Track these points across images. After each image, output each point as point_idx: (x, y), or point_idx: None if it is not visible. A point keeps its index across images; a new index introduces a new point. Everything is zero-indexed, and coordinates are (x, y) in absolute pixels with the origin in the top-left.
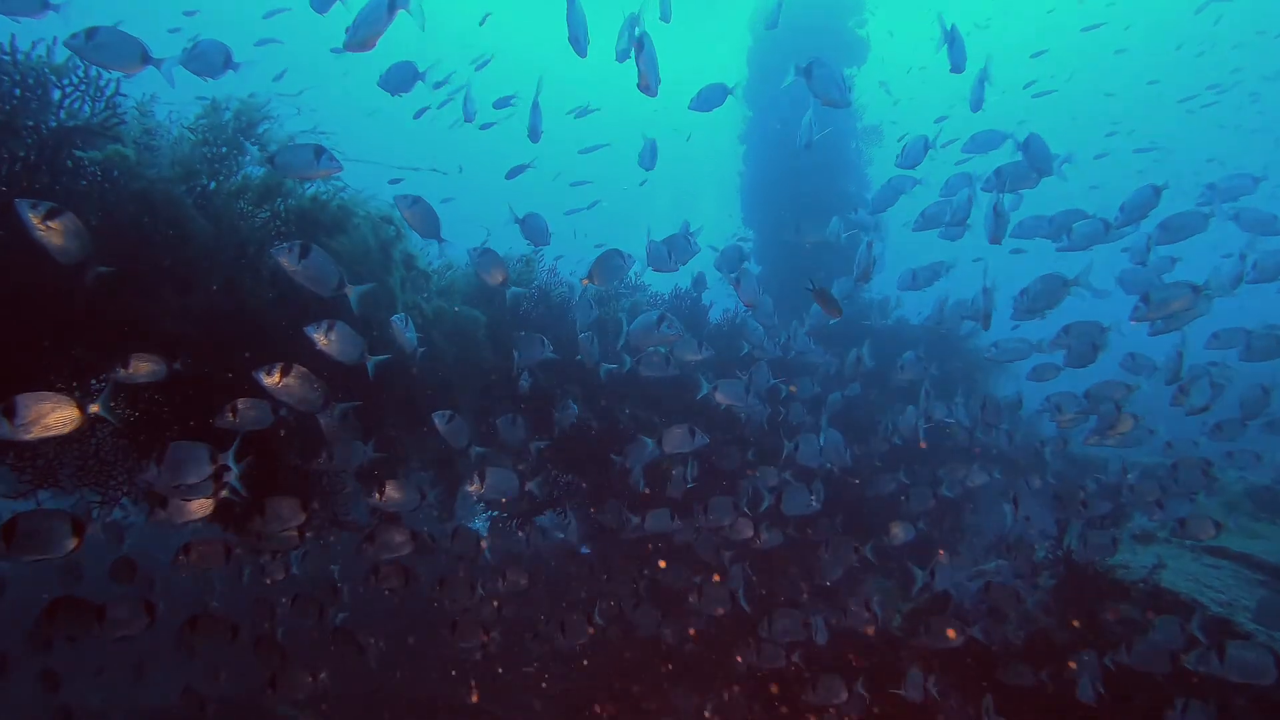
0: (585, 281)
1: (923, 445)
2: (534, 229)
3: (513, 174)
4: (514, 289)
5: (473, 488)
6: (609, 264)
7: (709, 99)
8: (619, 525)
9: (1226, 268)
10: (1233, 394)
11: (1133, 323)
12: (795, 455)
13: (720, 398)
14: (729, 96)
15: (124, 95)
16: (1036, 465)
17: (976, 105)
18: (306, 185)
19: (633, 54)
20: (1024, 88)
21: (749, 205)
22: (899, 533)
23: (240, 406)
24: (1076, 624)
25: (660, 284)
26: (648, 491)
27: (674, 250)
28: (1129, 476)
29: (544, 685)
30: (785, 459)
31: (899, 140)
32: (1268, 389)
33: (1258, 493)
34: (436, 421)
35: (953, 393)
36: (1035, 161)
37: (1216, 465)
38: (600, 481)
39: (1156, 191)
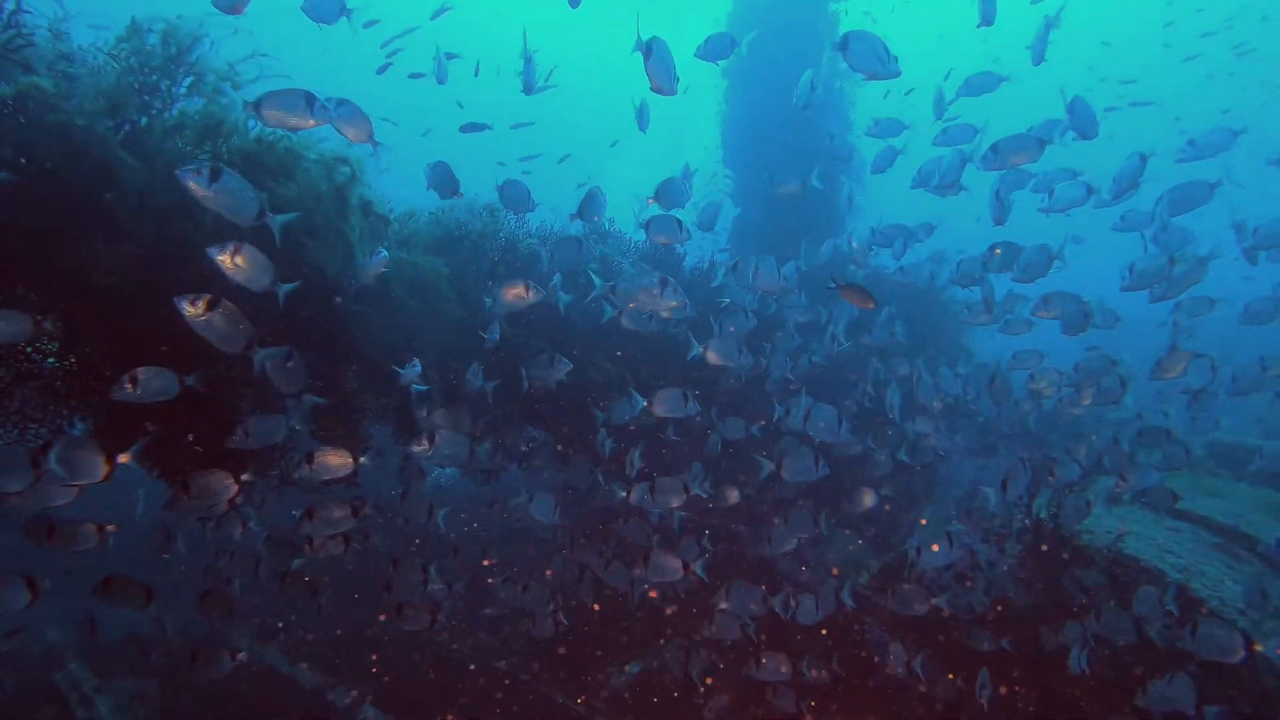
0: (573, 218)
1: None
2: (513, 196)
3: (468, 129)
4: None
5: (420, 448)
6: (595, 200)
7: (716, 48)
8: (589, 487)
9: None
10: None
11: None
12: (786, 421)
13: (712, 357)
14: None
15: (29, 11)
16: (1018, 430)
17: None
18: (251, 124)
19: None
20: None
21: (730, 145)
22: (864, 499)
23: (141, 376)
24: (1042, 591)
25: (632, 231)
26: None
27: (673, 193)
28: (1094, 439)
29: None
30: (777, 423)
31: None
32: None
33: (1219, 448)
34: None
35: (925, 347)
36: (1081, 125)
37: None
38: (571, 437)
39: (1143, 159)
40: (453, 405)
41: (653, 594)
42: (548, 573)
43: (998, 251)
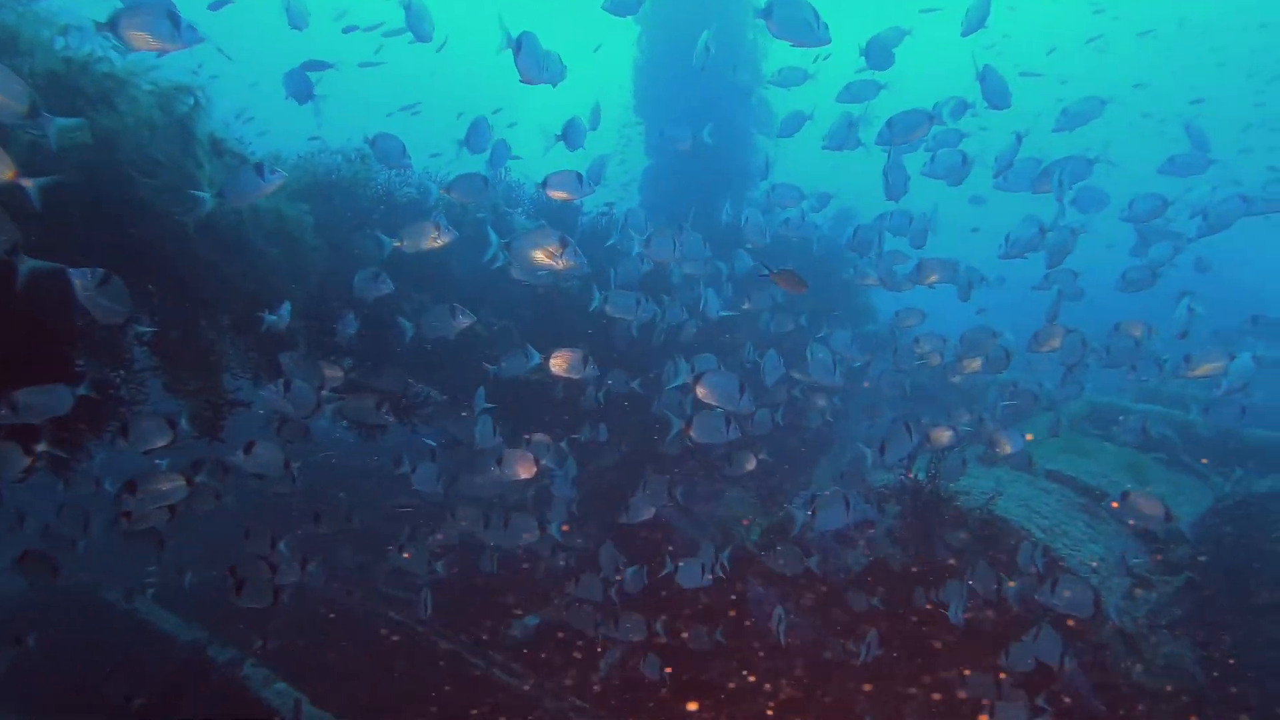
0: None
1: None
2: (386, 150)
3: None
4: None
5: (269, 393)
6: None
7: (624, 3)
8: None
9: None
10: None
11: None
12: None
13: (610, 310)
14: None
15: None
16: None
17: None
18: (57, 39)
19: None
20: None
21: (642, 93)
22: (744, 462)
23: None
24: (918, 551)
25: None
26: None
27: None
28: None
29: None
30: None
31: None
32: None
33: (1095, 410)
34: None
35: (831, 307)
36: (992, 95)
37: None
38: (456, 394)
39: (1019, 138)
40: (313, 354)
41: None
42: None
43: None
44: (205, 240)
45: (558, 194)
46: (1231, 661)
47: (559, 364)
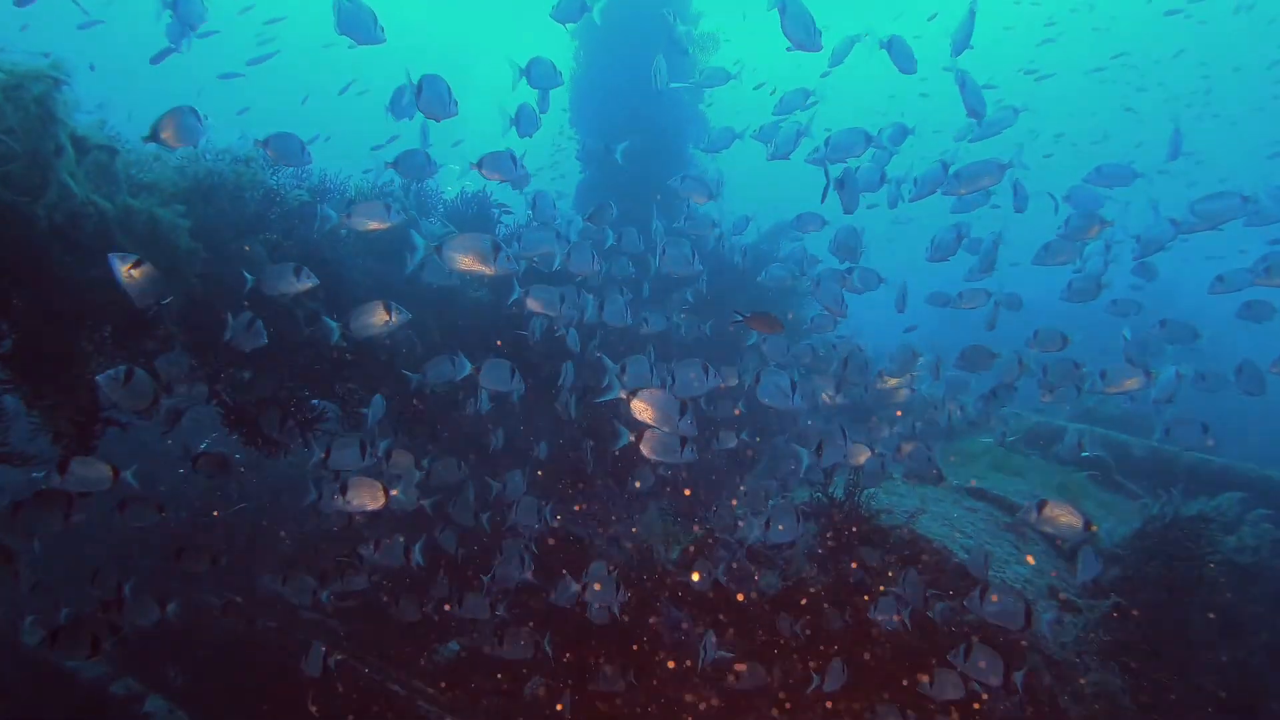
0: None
1: None
2: (282, 149)
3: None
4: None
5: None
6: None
7: (568, 10)
8: None
9: None
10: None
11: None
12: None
13: (532, 304)
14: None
15: None
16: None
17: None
18: None
19: None
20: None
21: (576, 106)
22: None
23: None
24: (836, 570)
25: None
26: None
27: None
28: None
29: None
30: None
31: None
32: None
33: (1033, 430)
34: None
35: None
36: (900, 61)
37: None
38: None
39: (945, 167)
40: (184, 356)
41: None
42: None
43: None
44: (65, 243)
45: (492, 175)
46: (1161, 688)
47: (491, 377)
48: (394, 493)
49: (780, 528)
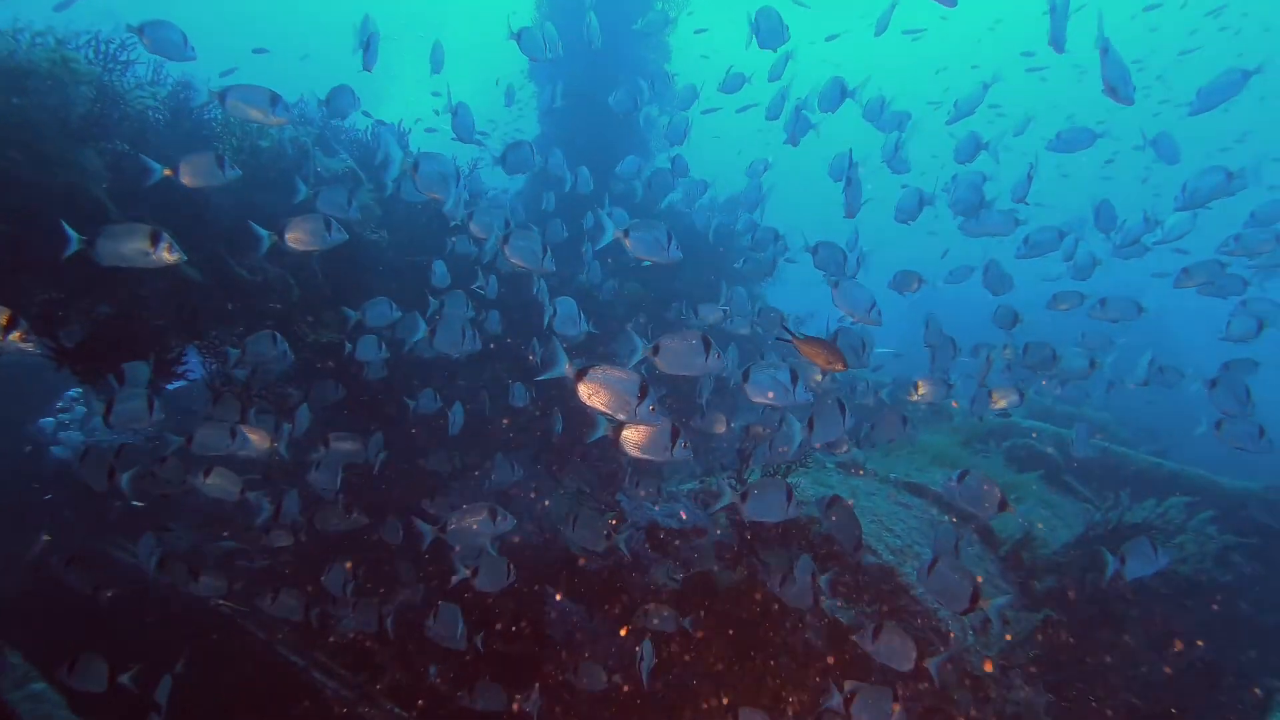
0: None
1: None
2: (162, 40)
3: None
4: None
5: None
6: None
7: None
8: None
9: None
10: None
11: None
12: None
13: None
14: None
15: None
16: None
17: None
18: None
19: None
20: None
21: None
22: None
23: None
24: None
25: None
26: None
27: None
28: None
29: None
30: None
31: None
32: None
33: (991, 428)
34: None
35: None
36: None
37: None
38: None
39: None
40: None
41: None
42: None
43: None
44: None
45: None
46: (1088, 708)
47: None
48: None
49: (683, 515)
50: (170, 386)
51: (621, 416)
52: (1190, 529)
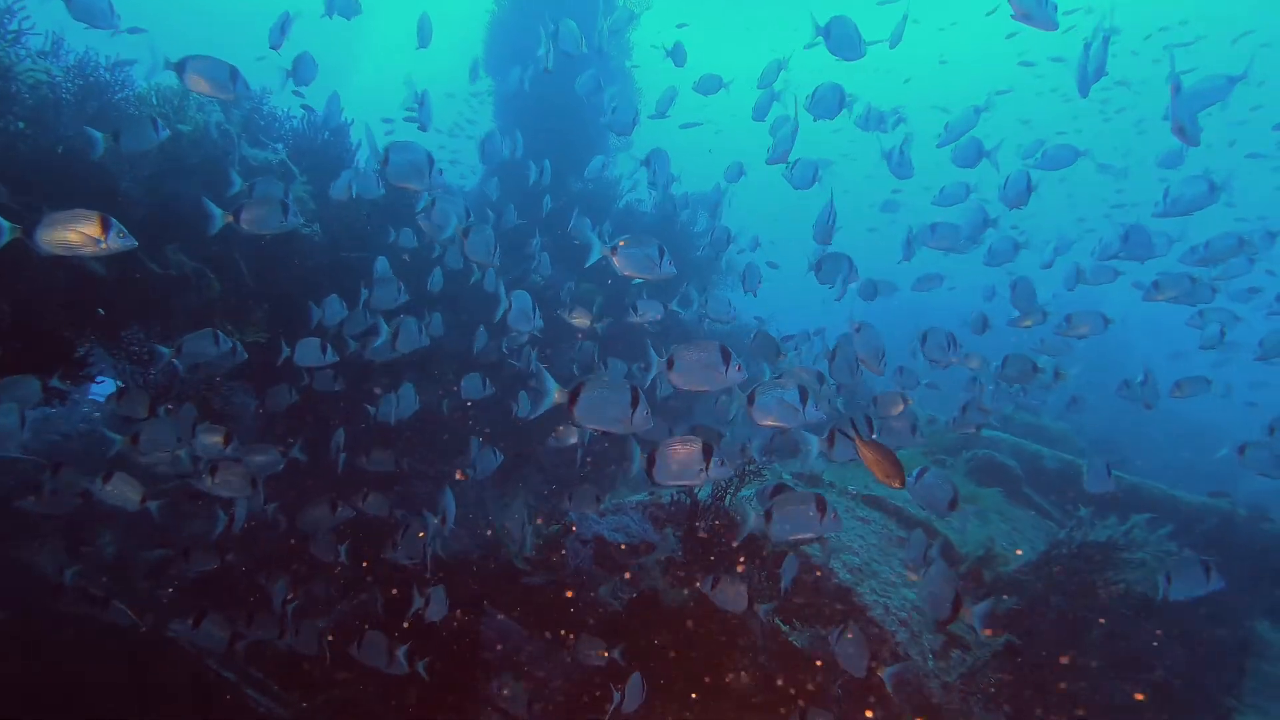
0: None
1: None
2: (83, 6)
3: None
4: None
5: None
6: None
7: None
8: None
9: None
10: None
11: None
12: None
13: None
14: None
15: None
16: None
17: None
18: None
19: None
20: None
21: (493, 50)
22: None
23: None
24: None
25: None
26: None
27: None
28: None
29: None
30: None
31: None
32: None
33: (962, 439)
34: None
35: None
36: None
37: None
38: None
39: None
40: None
41: None
42: None
43: None
44: None
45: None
46: None
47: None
48: None
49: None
50: (98, 388)
51: (619, 430)
52: (1150, 544)
